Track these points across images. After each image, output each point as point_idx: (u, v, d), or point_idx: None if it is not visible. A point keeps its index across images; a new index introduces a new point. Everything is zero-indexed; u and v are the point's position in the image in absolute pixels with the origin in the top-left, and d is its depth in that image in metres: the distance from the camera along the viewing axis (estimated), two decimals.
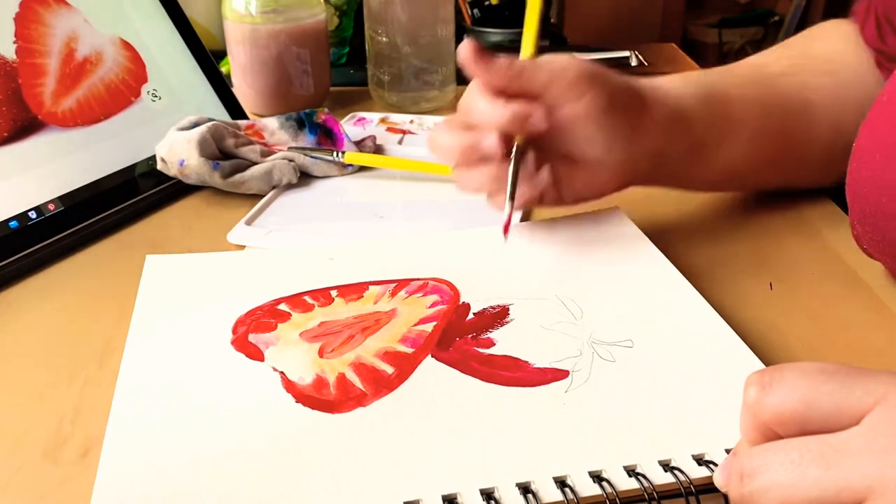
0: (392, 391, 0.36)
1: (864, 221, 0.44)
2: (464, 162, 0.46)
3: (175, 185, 0.61)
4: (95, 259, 0.54)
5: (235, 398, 0.36)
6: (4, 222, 0.53)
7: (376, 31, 0.80)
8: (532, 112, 0.44)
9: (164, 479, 0.31)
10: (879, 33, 0.54)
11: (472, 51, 0.43)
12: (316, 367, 0.38)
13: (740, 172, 0.54)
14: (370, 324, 0.42)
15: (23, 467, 0.35)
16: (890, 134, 0.42)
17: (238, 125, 0.65)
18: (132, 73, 0.66)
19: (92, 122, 0.62)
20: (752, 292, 0.47)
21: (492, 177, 0.45)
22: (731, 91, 0.52)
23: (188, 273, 0.47)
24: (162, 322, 0.42)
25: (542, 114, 0.44)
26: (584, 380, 0.37)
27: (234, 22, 0.77)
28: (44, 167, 0.57)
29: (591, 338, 0.40)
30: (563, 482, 0.31)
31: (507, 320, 0.42)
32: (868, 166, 0.43)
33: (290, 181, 0.62)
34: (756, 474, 0.25)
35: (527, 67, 0.44)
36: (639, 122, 0.47)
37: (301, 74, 0.79)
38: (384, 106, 0.83)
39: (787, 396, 0.26)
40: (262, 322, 0.42)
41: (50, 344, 0.44)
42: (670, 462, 0.31)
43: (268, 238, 0.54)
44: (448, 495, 0.30)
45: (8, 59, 0.58)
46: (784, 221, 0.55)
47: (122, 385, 0.37)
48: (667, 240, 0.51)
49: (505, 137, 0.44)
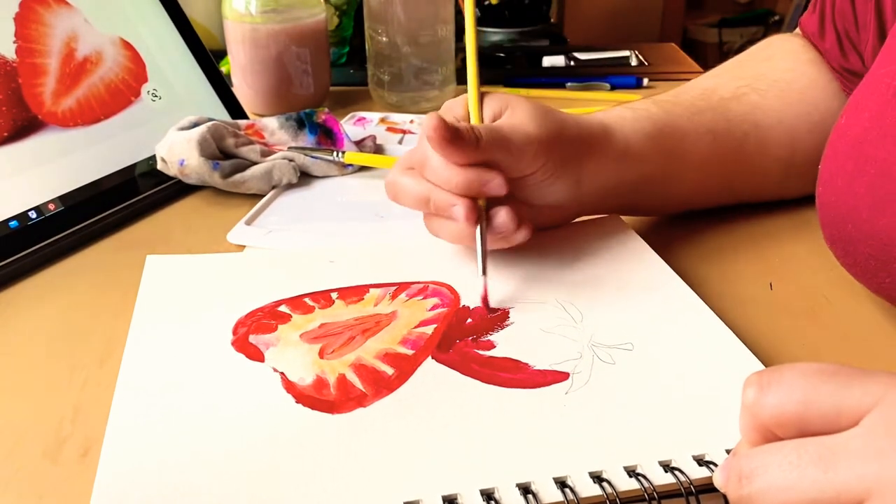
0: (392, 392, 0.36)
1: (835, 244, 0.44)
2: (427, 211, 0.46)
3: (175, 185, 0.61)
4: (95, 259, 0.54)
5: (235, 398, 0.36)
6: (4, 222, 0.53)
7: (376, 30, 0.80)
8: (489, 180, 0.43)
9: (163, 479, 0.31)
10: (841, 50, 0.55)
11: (441, 131, 0.42)
12: (316, 367, 0.38)
13: (692, 199, 0.55)
14: (370, 325, 0.42)
15: (23, 467, 0.35)
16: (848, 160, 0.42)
17: (238, 125, 0.65)
18: (132, 72, 0.66)
19: (92, 122, 0.62)
20: (752, 292, 0.47)
21: (458, 233, 0.45)
22: (681, 124, 0.52)
23: (189, 274, 0.47)
24: (162, 322, 0.42)
25: (502, 181, 0.43)
26: (584, 382, 0.37)
27: (234, 22, 0.77)
28: (44, 167, 0.57)
29: (591, 340, 0.40)
30: (563, 483, 0.31)
31: (507, 323, 0.42)
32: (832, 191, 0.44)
33: (290, 181, 0.62)
34: (755, 476, 0.25)
35: (489, 148, 0.43)
36: (588, 165, 0.47)
37: (301, 74, 0.79)
38: (384, 106, 0.83)
39: (786, 397, 0.26)
40: (263, 323, 0.42)
41: (50, 344, 0.44)
42: (670, 462, 0.32)
43: (268, 238, 0.54)
44: (448, 496, 0.30)
45: (8, 59, 0.58)
46: (784, 221, 0.55)
47: (122, 385, 0.37)
48: (666, 241, 0.51)
49: (471, 204, 0.43)
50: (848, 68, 0.55)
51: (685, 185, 0.53)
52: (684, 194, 0.54)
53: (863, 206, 0.41)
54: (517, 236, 0.45)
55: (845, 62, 0.55)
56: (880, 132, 0.41)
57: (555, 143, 0.45)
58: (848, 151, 0.43)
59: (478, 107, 0.47)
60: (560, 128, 0.46)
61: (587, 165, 0.47)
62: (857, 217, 0.41)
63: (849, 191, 0.42)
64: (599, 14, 2.13)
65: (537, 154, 0.45)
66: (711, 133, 0.53)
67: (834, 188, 0.43)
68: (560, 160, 0.46)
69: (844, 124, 0.44)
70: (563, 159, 0.46)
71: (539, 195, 0.47)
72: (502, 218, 0.44)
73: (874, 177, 0.40)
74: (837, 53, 0.55)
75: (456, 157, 0.43)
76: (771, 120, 0.54)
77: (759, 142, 0.54)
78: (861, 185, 0.41)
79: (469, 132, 0.42)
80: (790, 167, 0.55)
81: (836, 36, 0.55)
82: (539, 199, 0.47)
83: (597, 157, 0.48)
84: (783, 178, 0.55)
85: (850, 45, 0.55)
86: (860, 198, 0.41)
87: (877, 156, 0.40)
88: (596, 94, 0.87)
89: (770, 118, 0.54)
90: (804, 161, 0.54)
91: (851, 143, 0.42)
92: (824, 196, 0.44)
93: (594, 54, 1.01)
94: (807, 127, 0.54)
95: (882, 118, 0.41)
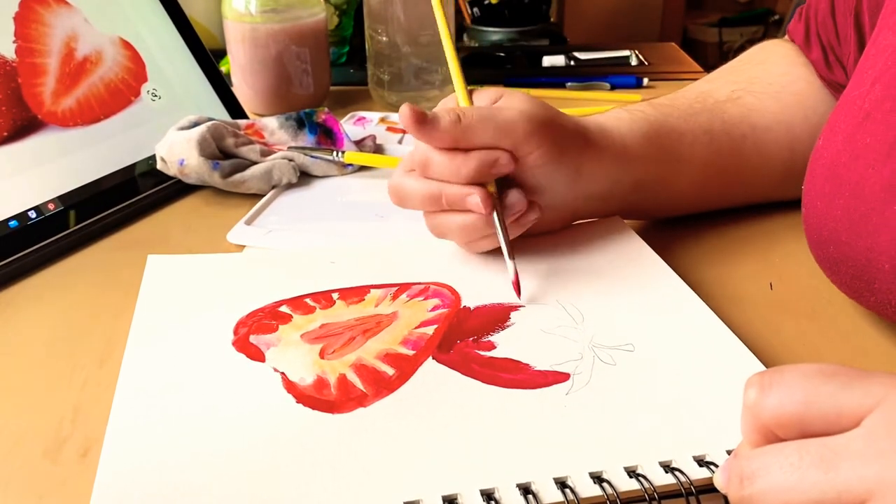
0: (393, 392, 0.36)
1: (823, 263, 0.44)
2: (437, 209, 0.45)
3: (175, 184, 0.61)
4: (95, 259, 0.54)
5: (236, 398, 0.36)
6: (4, 222, 0.53)
7: (376, 30, 0.80)
8: (496, 157, 0.43)
9: (164, 479, 0.31)
10: (826, 62, 0.55)
11: (411, 117, 0.42)
12: (317, 367, 0.38)
13: (692, 201, 0.55)
14: (371, 326, 0.42)
15: (23, 467, 0.35)
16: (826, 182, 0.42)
17: (238, 125, 0.65)
18: (132, 72, 0.66)
19: (92, 122, 0.62)
20: (752, 292, 0.47)
21: (471, 227, 0.45)
22: (677, 125, 0.52)
23: (190, 274, 0.47)
24: (163, 322, 0.42)
25: (508, 157, 0.43)
26: (584, 382, 0.37)
27: (233, 21, 0.77)
28: (44, 167, 0.57)
29: (591, 341, 0.40)
30: (563, 483, 0.31)
31: (507, 324, 0.42)
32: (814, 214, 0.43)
33: (290, 181, 0.62)
34: (756, 477, 0.25)
35: (473, 123, 0.43)
36: (582, 166, 0.47)
37: (301, 74, 0.79)
38: (384, 105, 0.83)
39: (787, 398, 0.26)
40: (264, 323, 0.42)
41: (50, 344, 0.44)
42: (671, 463, 0.31)
43: (268, 238, 0.54)
44: (448, 496, 0.30)
45: (8, 59, 0.58)
46: (784, 221, 0.55)
47: (122, 385, 0.37)
48: (666, 241, 0.51)
49: (485, 191, 0.43)
50: (833, 80, 0.55)
51: (684, 186, 0.53)
52: (683, 197, 0.54)
53: (841, 228, 0.41)
54: (530, 215, 0.45)
55: (831, 75, 0.55)
56: (852, 154, 0.40)
57: (550, 126, 0.45)
58: (825, 174, 0.42)
59: (465, 91, 0.47)
60: (555, 115, 0.46)
61: (585, 162, 0.47)
62: (837, 239, 0.41)
63: (828, 214, 0.42)
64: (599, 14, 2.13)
65: (531, 132, 0.44)
66: (708, 134, 0.52)
67: (815, 211, 0.43)
68: (558, 148, 0.45)
69: (821, 146, 0.44)
70: (561, 146, 0.45)
71: (538, 189, 0.46)
72: (515, 196, 0.44)
73: (848, 199, 0.40)
74: (823, 66, 0.55)
75: (439, 138, 0.43)
76: (767, 122, 0.54)
77: (756, 144, 0.54)
78: (838, 207, 0.41)
79: (447, 112, 0.43)
80: (790, 170, 0.55)
81: (821, 48, 0.55)
82: (537, 194, 0.46)
83: (595, 155, 0.48)
84: (783, 181, 0.55)
85: (834, 59, 0.54)
86: (838, 220, 0.41)
87: (850, 178, 0.40)
88: (596, 94, 0.87)
89: (767, 120, 0.54)
90: (803, 162, 0.54)
91: (827, 165, 0.42)
92: (808, 219, 0.44)
93: (594, 54, 1.01)
94: (805, 129, 0.54)
95: (853, 141, 0.41)
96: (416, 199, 0.45)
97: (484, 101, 0.47)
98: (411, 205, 0.46)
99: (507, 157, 0.43)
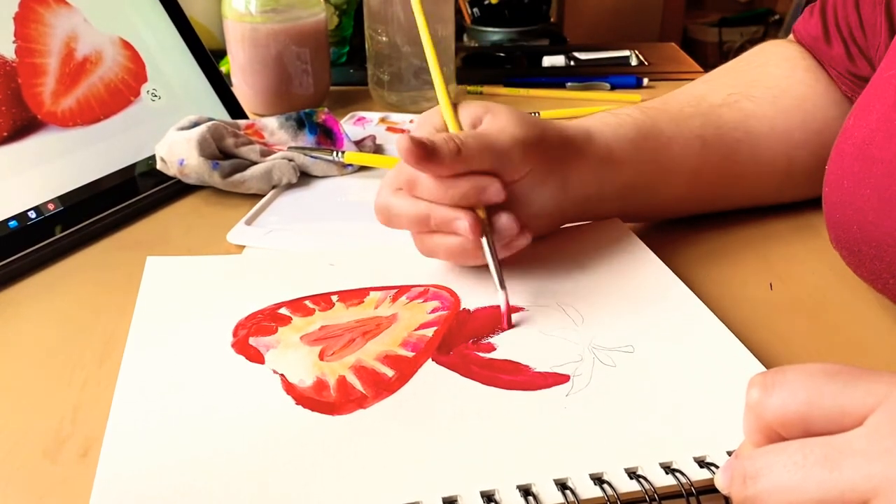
0: (392, 394, 0.36)
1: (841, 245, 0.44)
2: (426, 230, 0.45)
3: (175, 184, 0.61)
4: (95, 259, 0.54)
5: (235, 400, 0.36)
6: (4, 222, 0.53)
7: (376, 30, 0.80)
8: (486, 185, 0.42)
9: (163, 480, 0.31)
10: (849, 55, 0.54)
11: (413, 152, 0.40)
12: (316, 369, 0.38)
13: (682, 206, 0.54)
14: (371, 328, 0.42)
15: (23, 467, 0.35)
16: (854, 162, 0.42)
17: (238, 125, 0.65)
18: (132, 72, 0.66)
19: (91, 122, 0.62)
20: (752, 292, 0.47)
21: (459, 249, 0.44)
22: (667, 129, 0.51)
23: (189, 275, 0.47)
24: (162, 323, 0.42)
25: (499, 185, 0.42)
26: (585, 384, 0.37)
27: (233, 21, 0.77)
28: (43, 167, 0.57)
29: (591, 343, 0.40)
30: (563, 484, 0.31)
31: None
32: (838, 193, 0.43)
33: (290, 181, 0.62)
34: (759, 476, 0.25)
35: (474, 154, 0.42)
36: (569, 175, 0.47)
37: (301, 74, 0.79)
38: (384, 105, 0.83)
39: (790, 397, 0.26)
40: (263, 325, 0.42)
41: (50, 344, 0.44)
42: (671, 464, 0.31)
43: (268, 238, 0.54)
44: (448, 497, 0.30)
45: (8, 59, 0.58)
46: (784, 222, 0.55)
47: (122, 385, 0.37)
48: (665, 242, 0.51)
49: (474, 215, 0.42)
50: (856, 73, 0.54)
51: (674, 191, 0.52)
52: (673, 201, 0.53)
53: (869, 208, 0.41)
54: (520, 240, 0.44)
55: (853, 67, 0.54)
56: (887, 133, 0.40)
57: (539, 146, 0.45)
58: (854, 153, 0.42)
59: (452, 113, 0.46)
60: (542, 131, 0.46)
61: (571, 171, 0.47)
62: (862, 219, 0.41)
63: (855, 192, 0.42)
64: (599, 14, 2.13)
65: (524, 157, 0.44)
66: (700, 139, 0.52)
67: (840, 190, 0.43)
68: (546, 165, 0.45)
69: (851, 126, 0.44)
70: (548, 164, 0.45)
71: (526, 202, 0.45)
72: (505, 220, 0.43)
73: (880, 178, 0.40)
74: (845, 59, 0.55)
75: (440, 170, 0.42)
76: (764, 127, 0.54)
77: (752, 149, 0.53)
78: (867, 186, 0.41)
79: (447, 142, 0.41)
80: (788, 175, 0.54)
81: (842, 41, 0.55)
82: (526, 206, 0.45)
83: (580, 162, 0.47)
84: (780, 186, 0.55)
85: (857, 51, 0.54)
86: (866, 199, 0.41)
87: (883, 157, 0.40)
88: (596, 94, 0.86)
89: (763, 125, 0.54)
90: (802, 170, 0.54)
91: (858, 144, 0.42)
92: (831, 198, 0.44)
93: (594, 54, 1.01)
94: (804, 135, 0.54)
95: (889, 120, 0.41)
96: (404, 220, 0.44)
97: (468, 118, 0.46)
98: (399, 225, 0.45)
99: (498, 187, 0.42)
